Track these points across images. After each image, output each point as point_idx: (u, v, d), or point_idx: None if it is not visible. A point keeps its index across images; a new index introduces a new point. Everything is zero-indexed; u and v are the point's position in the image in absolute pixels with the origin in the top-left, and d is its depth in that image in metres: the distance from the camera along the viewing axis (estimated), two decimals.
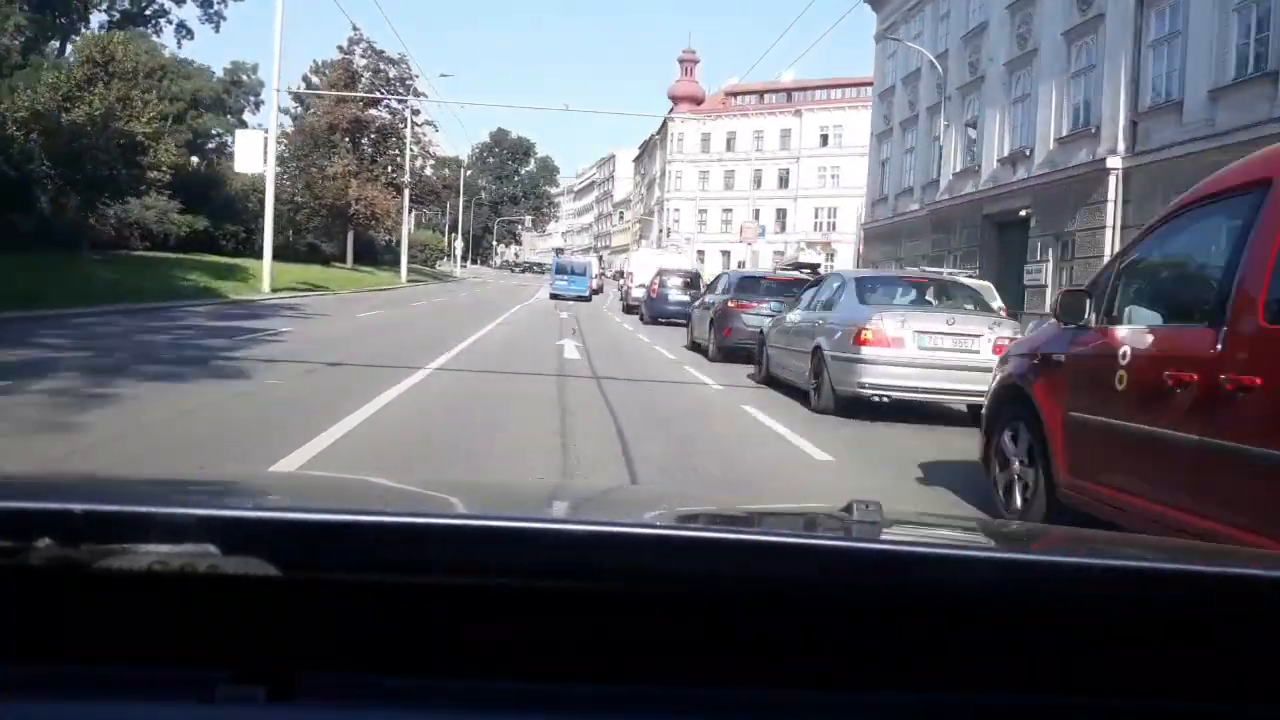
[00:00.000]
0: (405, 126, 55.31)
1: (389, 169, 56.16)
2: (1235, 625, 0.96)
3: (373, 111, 58.03)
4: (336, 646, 0.91)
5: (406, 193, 53.52)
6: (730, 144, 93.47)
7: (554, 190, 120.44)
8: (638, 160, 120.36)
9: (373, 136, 57.43)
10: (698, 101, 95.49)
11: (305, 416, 7.86)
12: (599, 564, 0.91)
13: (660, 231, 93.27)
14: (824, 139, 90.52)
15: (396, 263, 68.86)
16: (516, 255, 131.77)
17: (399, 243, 59.16)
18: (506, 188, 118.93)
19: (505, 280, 76.19)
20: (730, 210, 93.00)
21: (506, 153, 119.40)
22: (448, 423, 8.41)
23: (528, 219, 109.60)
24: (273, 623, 0.90)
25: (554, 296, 44.11)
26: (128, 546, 0.83)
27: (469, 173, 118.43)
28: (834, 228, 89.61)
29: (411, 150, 57.55)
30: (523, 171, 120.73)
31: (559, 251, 72.20)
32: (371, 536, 0.91)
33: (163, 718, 0.85)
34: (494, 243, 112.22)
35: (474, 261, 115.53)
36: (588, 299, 46.36)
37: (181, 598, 0.88)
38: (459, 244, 78.45)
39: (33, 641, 0.88)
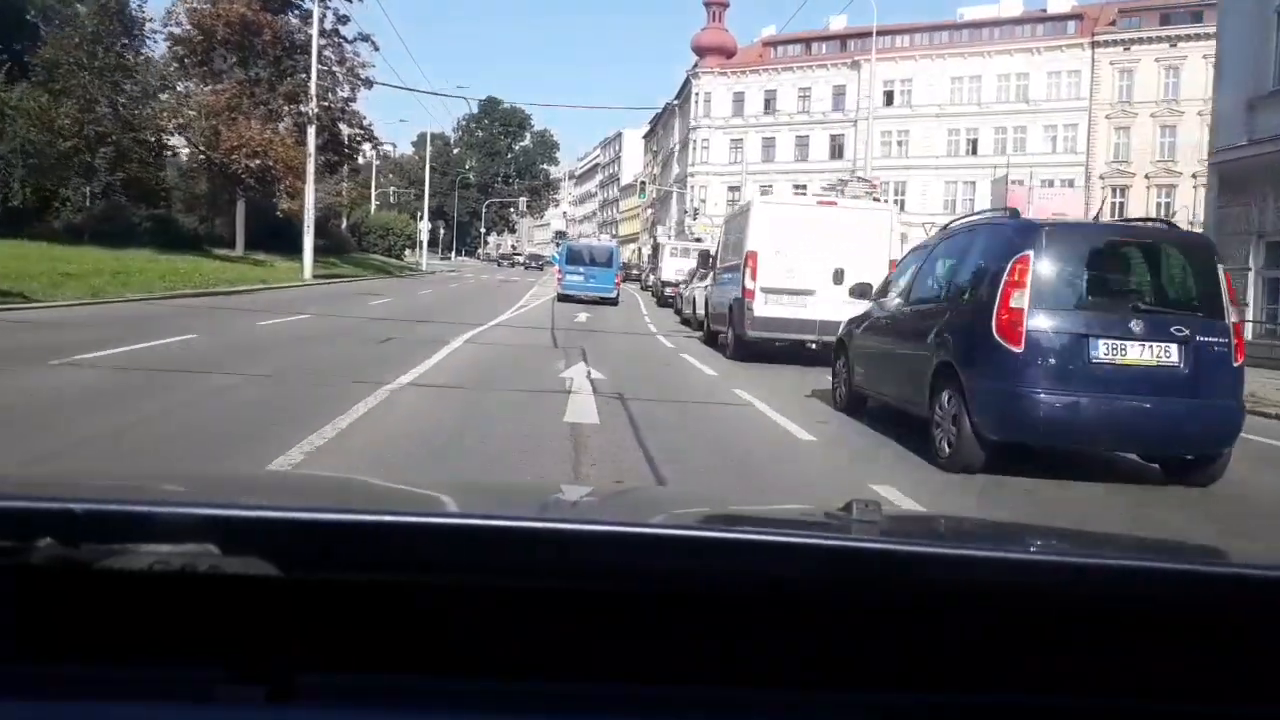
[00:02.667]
0: (316, 32, 32.32)
1: (294, 103, 33.30)
2: (1235, 625, 0.93)
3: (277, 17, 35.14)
4: (336, 646, 0.87)
5: (312, 133, 30.65)
6: (769, 105, 71.38)
7: (553, 170, 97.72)
8: (649, 136, 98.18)
9: (273, 52, 34.49)
10: (729, 54, 73.00)
11: None
12: (599, 564, 0.88)
13: (685, 213, 70.83)
14: (889, 97, 68.43)
15: (333, 250, 46.07)
16: (514, 247, 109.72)
17: (347, 222, 36.59)
18: (498, 166, 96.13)
19: (487, 275, 53.48)
20: (770, 188, 70.72)
21: (497, 125, 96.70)
22: None
23: (522, 202, 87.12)
24: (273, 623, 0.87)
25: (564, 298, 28.36)
26: (128, 546, 0.80)
27: (456, 151, 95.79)
28: (903, 207, 67.47)
29: (335, 73, 34.90)
30: (517, 147, 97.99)
31: (560, 236, 49.64)
32: (372, 536, 0.88)
33: (163, 718, 0.82)
34: (482, 230, 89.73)
35: (459, 253, 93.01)
36: (614, 301, 29.25)
37: (182, 598, 0.85)
38: (426, 226, 55.83)
39: (33, 641, 0.85)
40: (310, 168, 30.76)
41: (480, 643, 0.88)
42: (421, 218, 55.80)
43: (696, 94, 74.01)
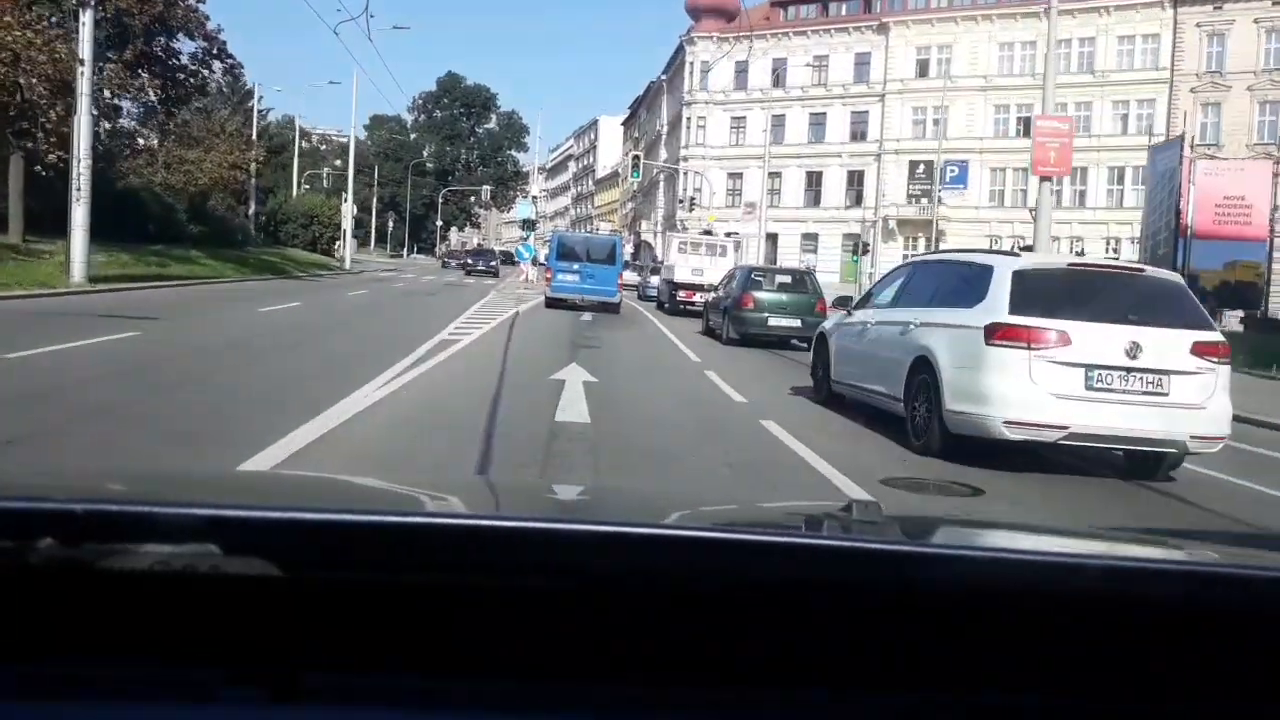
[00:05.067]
0: None
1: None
2: (1235, 625, 0.91)
3: None
4: (336, 646, 0.84)
5: (87, 24, 16.42)
6: (778, 77, 57.80)
7: (521, 157, 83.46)
8: (628, 123, 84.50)
9: None
10: (729, 17, 59.35)
11: None
12: (599, 563, 0.86)
13: (680, 203, 57.19)
14: (922, 67, 55.41)
15: (216, 240, 32.48)
16: (480, 243, 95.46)
17: (255, 207, 22.74)
18: (458, 150, 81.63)
19: (431, 278, 39.31)
20: (778, 175, 57.37)
21: (459, 105, 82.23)
22: None
23: (485, 191, 72.66)
24: (273, 623, 0.84)
25: (553, 303, 22.04)
26: (129, 546, 0.78)
27: (414, 136, 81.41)
28: (940, 200, 54.23)
29: None
30: (480, 130, 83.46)
31: (528, 226, 35.85)
32: (372, 536, 0.86)
33: (163, 718, 0.80)
34: (438, 223, 75.30)
35: (413, 249, 78.40)
36: (615, 307, 22.12)
37: (183, 598, 0.82)
38: (351, 209, 41.48)
39: (33, 641, 0.82)
40: (84, 84, 16.60)
41: (481, 643, 0.85)
42: (345, 199, 41.49)
43: (690, 64, 60.47)
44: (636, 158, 38.76)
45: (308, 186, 56.38)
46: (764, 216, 44.28)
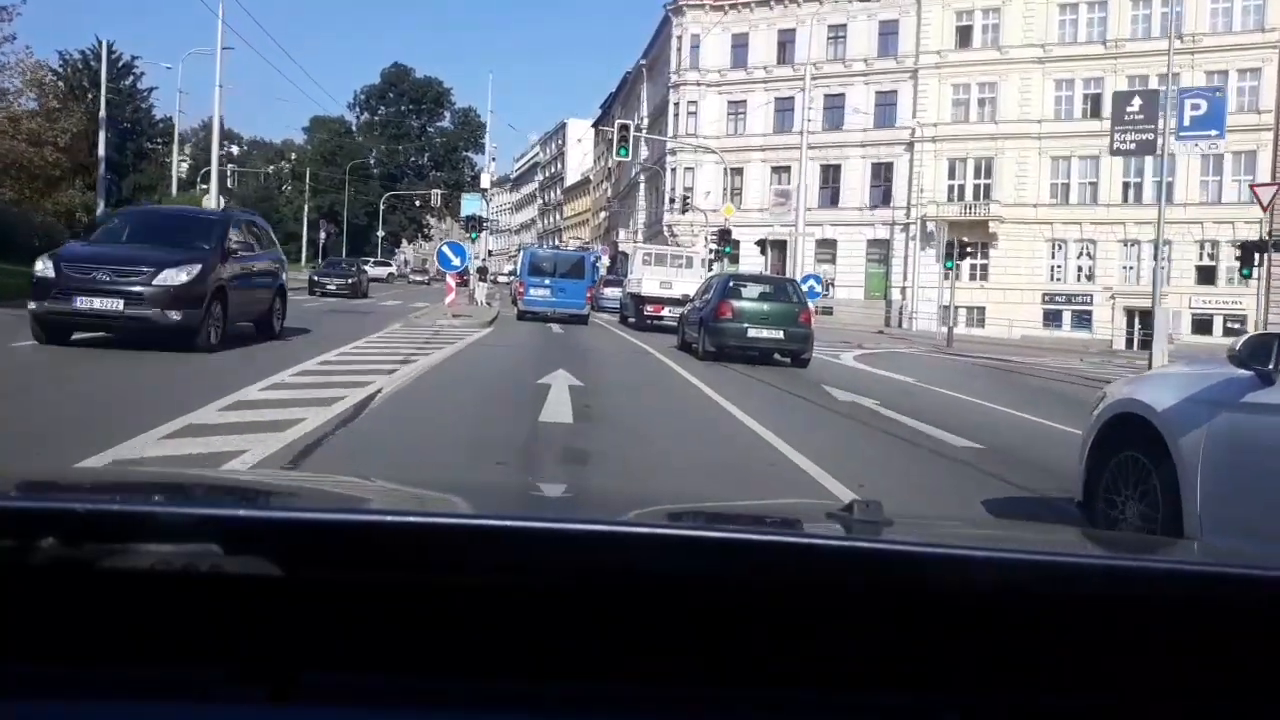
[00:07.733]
0: None
1: None
2: (1234, 624, 0.90)
3: None
4: (336, 646, 0.83)
5: None
6: (783, 52, 46.71)
7: (478, 159, 71.08)
8: (600, 123, 72.65)
9: None
10: None
11: None
12: (599, 563, 0.86)
13: (670, 205, 45.48)
14: (963, 36, 44.16)
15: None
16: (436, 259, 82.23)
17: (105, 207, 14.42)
18: (408, 151, 69.17)
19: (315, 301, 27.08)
20: (785, 169, 45.72)
21: (407, 101, 69.85)
22: None
23: (436, 195, 60.25)
24: (273, 623, 0.83)
25: (524, 315, 23.08)
26: (130, 546, 0.78)
27: (361, 139, 68.99)
28: (987, 194, 42.93)
29: None
30: (432, 129, 71.05)
31: (475, 223, 24.03)
32: (372, 536, 0.85)
33: (163, 718, 0.79)
34: (379, 234, 62.68)
35: None
36: (584, 318, 23.27)
37: (183, 598, 0.81)
38: (215, 195, 29.24)
39: (33, 641, 0.81)
40: None
41: (480, 643, 0.84)
42: (211, 189, 29.06)
43: (678, 39, 49.00)
44: (625, 127, 27.19)
45: (204, 187, 43.79)
46: (802, 212, 32.34)
